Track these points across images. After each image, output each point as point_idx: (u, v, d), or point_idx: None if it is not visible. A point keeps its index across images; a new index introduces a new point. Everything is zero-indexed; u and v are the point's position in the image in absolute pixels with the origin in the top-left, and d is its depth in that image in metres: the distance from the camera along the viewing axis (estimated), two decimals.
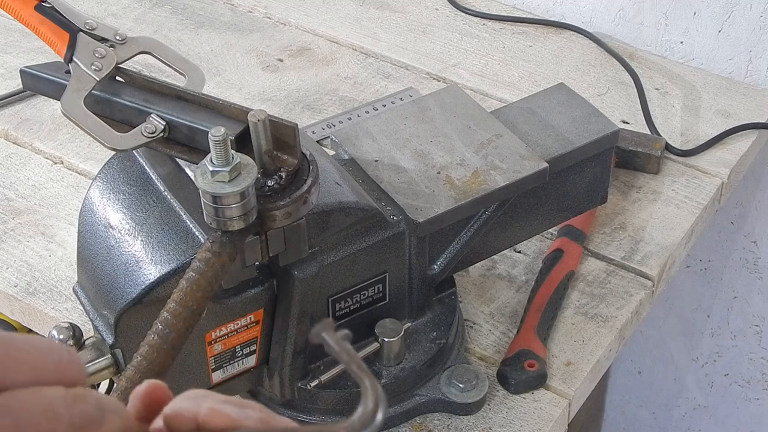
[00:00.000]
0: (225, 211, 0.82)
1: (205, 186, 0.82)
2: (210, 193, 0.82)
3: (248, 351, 0.98)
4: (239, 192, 0.82)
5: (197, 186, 0.83)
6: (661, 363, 1.80)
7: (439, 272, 1.05)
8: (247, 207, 0.83)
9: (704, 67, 1.51)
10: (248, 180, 0.82)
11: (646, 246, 1.24)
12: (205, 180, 0.82)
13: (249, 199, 0.83)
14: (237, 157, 0.82)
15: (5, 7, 0.95)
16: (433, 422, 1.06)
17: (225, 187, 0.82)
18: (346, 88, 1.47)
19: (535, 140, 1.08)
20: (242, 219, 0.83)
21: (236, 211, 0.83)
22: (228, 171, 0.81)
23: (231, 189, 0.81)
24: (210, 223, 0.84)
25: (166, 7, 1.63)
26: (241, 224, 0.83)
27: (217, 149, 0.81)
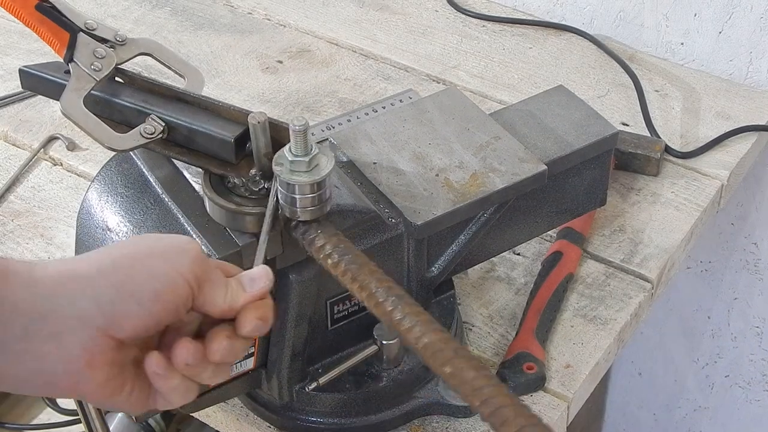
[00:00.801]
0: (320, 196, 0.85)
1: (303, 177, 0.84)
2: (314, 181, 0.84)
3: (246, 354, 0.98)
4: (330, 173, 0.85)
5: (290, 182, 0.84)
6: (661, 364, 1.80)
7: (437, 275, 1.05)
8: (329, 192, 0.87)
9: (704, 69, 1.51)
10: (332, 161, 0.86)
11: (645, 248, 1.24)
12: (298, 174, 0.84)
13: (328, 187, 0.87)
14: (314, 144, 0.86)
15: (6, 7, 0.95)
16: (432, 425, 1.06)
17: (321, 171, 0.85)
18: (345, 89, 1.47)
19: (534, 142, 1.08)
20: (325, 204, 0.87)
21: (327, 194, 0.86)
22: (317, 155, 0.85)
23: (327, 170, 0.85)
24: (288, 213, 0.85)
25: (166, 9, 1.63)
26: (329, 206, 0.87)
27: (298, 139, 0.84)
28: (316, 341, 1.01)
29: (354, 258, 0.81)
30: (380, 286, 0.78)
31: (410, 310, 0.77)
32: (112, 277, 0.72)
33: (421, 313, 0.76)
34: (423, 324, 0.75)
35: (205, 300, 0.76)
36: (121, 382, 0.74)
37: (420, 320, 0.76)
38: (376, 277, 0.79)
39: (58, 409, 1.69)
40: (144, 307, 0.72)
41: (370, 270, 0.80)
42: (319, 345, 1.02)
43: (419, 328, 0.75)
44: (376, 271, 0.80)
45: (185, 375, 0.75)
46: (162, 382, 0.75)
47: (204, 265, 0.75)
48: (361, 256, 0.82)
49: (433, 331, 0.75)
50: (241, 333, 0.77)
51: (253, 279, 0.79)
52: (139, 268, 0.73)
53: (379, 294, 0.78)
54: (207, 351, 0.76)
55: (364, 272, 0.80)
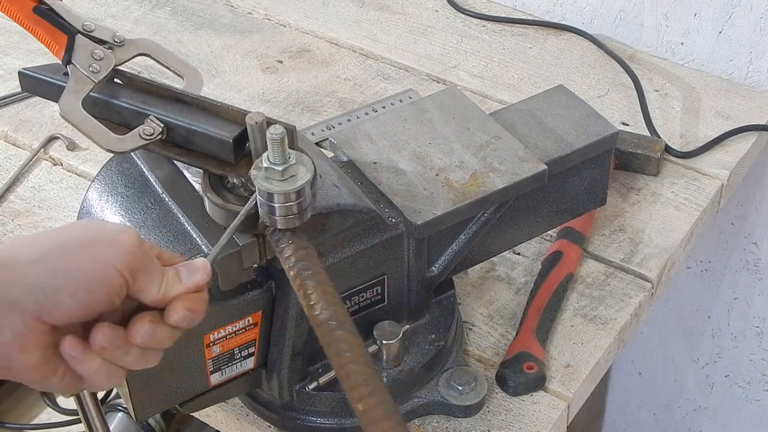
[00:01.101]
0: (296, 206, 0.84)
1: (277, 187, 0.83)
2: (284, 192, 0.83)
3: (247, 353, 0.98)
4: (302, 187, 0.83)
5: (264, 190, 0.83)
6: (661, 364, 1.80)
7: (437, 274, 1.05)
8: (308, 201, 0.85)
9: (704, 69, 1.51)
10: (311, 170, 0.84)
11: (645, 248, 1.24)
12: (274, 183, 0.83)
13: (308, 195, 0.85)
14: (292, 152, 0.84)
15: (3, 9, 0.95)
16: (432, 424, 1.06)
17: (296, 182, 0.83)
18: (345, 89, 1.47)
19: (534, 142, 1.08)
20: (305, 213, 0.85)
21: (304, 204, 0.84)
22: (294, 165, 0.83)
23: (303, 181, 0.83)
24: (268, 221, 0.85)
25: (166, 9, 1.63)
26: (306, 216, 0.85)
27: (276, 147, 0.82)
28: (317, 341, 1.01)
29: (313, 275, 0.81)
30: (327, 307, 0.78)
31: (345, 337, 0.77)
32: (45, 267, 0.73)
33: (355, 345, 0.76)
34: (352, 355, 0.75)
35: (139, 289, 0.77)
36: (54, 365, 0.75)
37: (351, 351, 0.76)
38: (325, 298, 0.79)
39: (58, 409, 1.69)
40: (76, 298, 0.73)
41: (323, 290, 0.80)
42: (320, 344, 1.02)
43: (349, 355, 0.75)
44: (329, 293, 0.80)
45: (106, 359, 0.76)
46: (79, 366, 0.76)
47: (139, 255, 0.76)
48: (320, 274, 0.81)
49: (357, 364, 0.75)
50: (167, 321, 0.78)
51: (190, 271, 0.80)
52: (72, 259, 0.74)
53: (323, 315, 0.78)
54: (128, 333, 0.77)
55: (317, 291, 0.80)
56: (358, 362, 0.74)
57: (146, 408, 0.96)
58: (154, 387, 0.95)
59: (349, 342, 0.76)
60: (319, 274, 0.81)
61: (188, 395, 0.98)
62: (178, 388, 0.97)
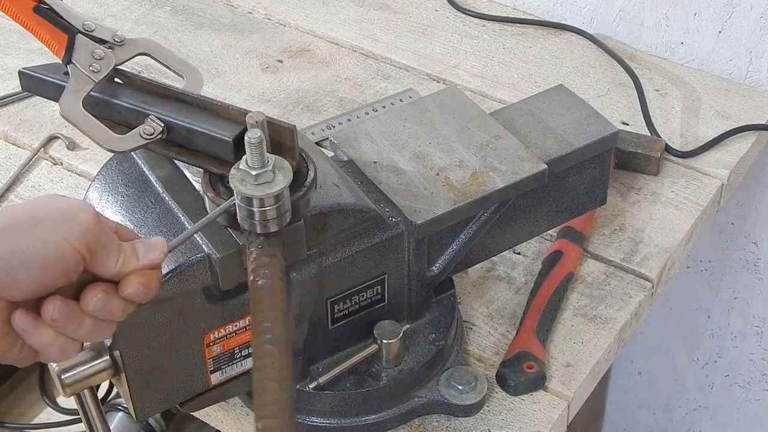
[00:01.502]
0: (270, 212, 0.83)
1: (250, 192, 0.82)
2: (259, 197, 0.82)
3: (247, 353, 0.98)
4: (283, 190, 0.82)
5: (238, 193, 0.83)
6: (661, 364, 1.80)
7: (438, 274, 1.05)
8: (285, 206, 0.84)
9: (704, 68, 1.51)
10: (288, 177, 0.83)
11: (645, 247, 1.24)
12: (248, 187, 0.82)
13: (286, 200, 0.84)
14: (272, 157, 0.83)
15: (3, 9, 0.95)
16: (432, 424, 1.06)
17: (270, 188, 0.82)
18: (345, 89, 1.47)
19: (535, 142, 1.08)
20: (284, 216, 0.84)
21: (279, 211, 0.83)
22: (270, 171, 0.82)
23: (278, 188, 0.82)
24: (246, 226, 0.84)
25: (166, 8, 1.63)
26: (284, 222, 0.84)
27: (254, 151, 0.81)
28: (317, 340, 1.01)
29: (268, 284, 0.81)
30: (268, 319, 0.78)
31: (274, 353, 0.76)
32: (2, 244, 0.73)
33: (280, 364, 0.76)
34: (273, 372, 0.75)
35: (96, 264, 0.77)
36: (12, 340, 0.76)
37: (273, 369, 0.75)
38: (271, 310, 0.79)
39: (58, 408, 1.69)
40: (32, 275, 0.74)
41: (272, 301, 0.79)
42: (320, 344, 1.02)
43: (268, 371, 0.75)
44: (276, 305, 0.79)
45: (59, 332, 0.77)
46: (31, 338, 0.77)
47: (96, 231, 0.77)
48: (276, 285, 0.81)
49: (275, 382, 0.74)
50: (121, 294, 0.79)
51: (148, 248, 0.80)
52: (29, 236, 0.74)
53: (262, 326, 0.78)
54: (81, 301, 0.77)
55: (266, 301, 0.80)
56: (275, 381, 0.74)
57: (146, 407, 0.96)
58: (155, 386, 0.95)
59: (276, 359, 0.76)
60: (275, 285, 0.81)
61: (188, 395, 0.98)
62: (179, 388, 0.97)
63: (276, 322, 0.78)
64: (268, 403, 0.73)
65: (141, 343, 0.91)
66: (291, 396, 0.74)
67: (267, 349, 0.76)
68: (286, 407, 0.73)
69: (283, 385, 0.74)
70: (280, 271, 0.83)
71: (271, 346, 0.76)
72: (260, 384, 0.74)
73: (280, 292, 0.81)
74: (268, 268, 0.82)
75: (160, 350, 0.93)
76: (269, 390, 0.74)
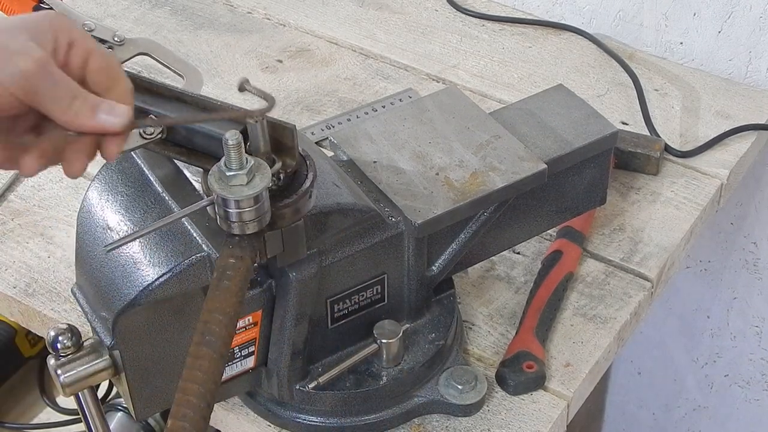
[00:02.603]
0: (244, 214, 0.82)
1: (224, 191, 0.82)
2: (231, 198, 0.82)
3: (247, 352, 0.98)
4: (257, 194, 0.82)
5: (214, 192, 0.82)
6: (661, 364, 1.80)
7: (437, 273, 1.05)
8: (263, 209, 0.83)
9: (704, 68, 1.51)
10: (264, 181, 0.83)
11: (645, 247, 1.24)
12: (222, 186, 0.82)
13: (265, 201, 0.83)
14: (251, 159, 0.82)
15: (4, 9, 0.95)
16: (432, 423, 1.06)
17: (244, 191, 0.82)
18: (345, 89, 1.47)
19: (534, 141, 1.08)
20: (259, 221, 0.83)
21: (254, 214, 0.83)
22: (245, 174, 0.82)
23: (250, 192, 0.82)
24: (225, 227, 0.84)
25: (166, 9, 1.63)
26: (258, 227, 0.84)
27: (232, 153, 0.81)
28: (317, 340, 1.01)
29: (227, 287, 0.81)
30: (212, 320, 0.78)
31: (208, 356, 0.77)
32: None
33: (210, 369, 0.76)
34: (201, 376, 0.75)
35: (43, 109, 0.77)
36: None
37: (202, 372, 0.76)
38: (218, 311, 0.79)
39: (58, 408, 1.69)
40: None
41: (223, 306, 0.79)
42: (320, 344, 1.02)
43: (197, 374, 0.75)
44: (224, 308, 0.79)
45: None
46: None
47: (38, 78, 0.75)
48: (233, 287, 0.81)
49: (199, 386, 0.75)
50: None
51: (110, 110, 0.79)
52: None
53: (205, 326, 0.78)
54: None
55: (216, 304, 0.79)
56: (198, 384, 0.74)
57: (146, 407, 0.96)
58: (154, 386, 0.95)
59: (208, 363, 0.76)
60: (231, 288, 0.81)
61: None
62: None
63: (220, 325, 0.78)
64: (184, 405, 0.73)
65: (141, 343, 0.91)
66: (209, 402, 0.74)
67: (203, 351, 0.76)
68: (198, 413, 0.73)
69: (204, 389, 0.74)
70: (242, 275, 0.82)
71: (206, 349, 0.77)
72: (184, 383, 0.75)
73: (234, 296, 0.80)
74: (231, 270, 0.82)
75: (160, 350, 0.93)
76: (192, 393, 0.74)
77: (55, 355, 0.93)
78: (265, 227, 0.85)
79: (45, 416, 1.80)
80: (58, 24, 0.78)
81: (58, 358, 0.93)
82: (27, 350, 1.81)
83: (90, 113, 0.78)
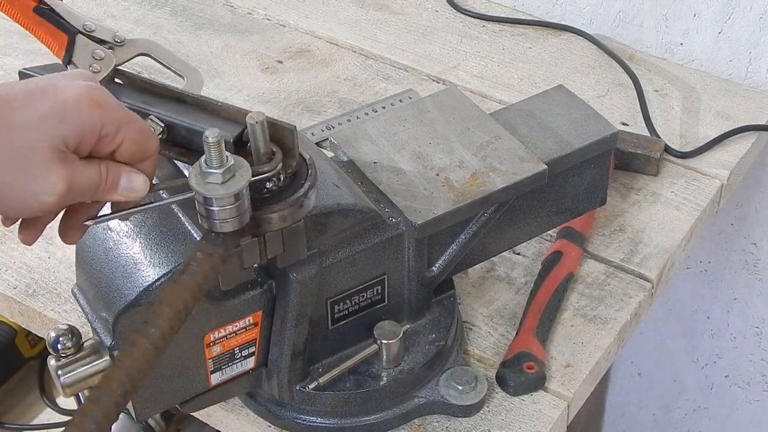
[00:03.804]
0: (218, 212, 0.82)
1: (198, 187, 0.82)
2: (203, 194, 0.82)
3: (247, 353, 0.98)
4: (231, 194, 0.82)
5: (191, 186, 0.83)
6: (661, 364, 1.80)
7: (438, 274, 1.05)
8: (240, 209, 0.83)
9: (704, 69, 1.51)
10: (241, 182, 0.82)
11: (645, 248, 1.24)
12: (198, 181, 0.82)
13: (243, 201, 0.83)
14: (231, 159, 0.82)
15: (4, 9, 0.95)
16: (432, 424, 1.06)
17: (218, 189, 0.82)
18: (345, 89, 1.47)
19: (534, 142, 1.08)
20: (235, 221, 0.83)
21: (229, 213, 0.83)
22: (221, 173, 0.82)
23: (223, 191, 0.82)
24: (203, 223, 0.84)
25: (166, 9, 1.63)
26: (235, 226, 0.84)
27: (211, 151, 0.81)
28: (317, 340, 1.01)
29: (185, 281, 0.81)
30: (160, 313, 0.79)
31: (143, 346, 0.77)
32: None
33: (139, 362, 0.76)
34: (131, 364, 0.76)
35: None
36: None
37: (132, 360, 0.76)
38: (167, 308, 0.79)
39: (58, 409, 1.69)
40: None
41: (173, 300, 0.79)
42: (320, 344, 1.02)
43: (129, 362, 0.76)
44: (174, 305, 0.79)
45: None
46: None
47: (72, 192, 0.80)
48: (189, 284, 0.80)
49: (125, 372, 0.75)
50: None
51: (130, 185, 0.83)
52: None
53: (153, 316, 0.79)
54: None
55: (169, 295, 0.80)
56: (124, 372, 0.75)
57: (147, 408, 0.96)
58: (155, 387, 0.95)
59: (139, 352, 0.77)
60: (189, 283, 0.81)
61: (188, 395, 0.98)
62: (179, 388, 0.97)
63: (164, 318, 0.78)
64: (104, 391, 0.74)
65: None
66: (127, 390, 0.75)
67: (139, 339, 0.77)
68: (112, 399, 0.74)
69: (126, 377, 0.75)
70: (204, 272, 0.82)
71: (143, 339, 0.77)
72: (110, 370, 0.76)
73: (188, 290, 0.80)
74: (196, 265, 0.82)
75: None
76: (115, 380, 0.75)
77: (55, 356, 0.93)
78: (246, 227, 0.85)
79: (45, 417, 1.80)
80: (87, 119, 0.79)
81: (59, 359, 0.93)
82: (27, 351, 1.81)
83: (113, 190, 0.83)
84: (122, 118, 0.81)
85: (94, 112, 0.79)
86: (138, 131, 0.82)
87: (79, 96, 0.78)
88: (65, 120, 0.78)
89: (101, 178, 0.81)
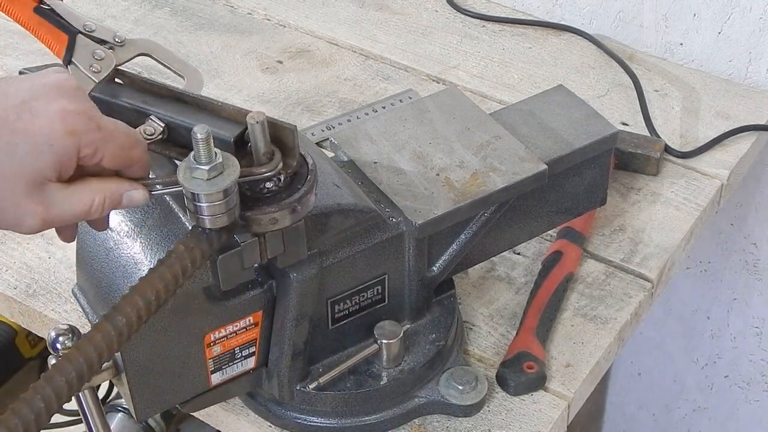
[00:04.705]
0: (204, 208, 0.83)
1: (184, 182, 0.82)
2: (188, 189, 0.82)
3: (247, 353, 0.98)
4: (215, 191, 0.82)
5: (178, 181, 0.83)
6: (661, 364, 1.80)
7: (438, 274, 1.05)
8: (227, 206, 0.83)
9: (704, 69, 1.51)
10: (227, 180, 0.82)
11: (645, 248, 1.24)
12: (185, 176, 0.82)
13: (230, 199, 0.83)
14: (220, 156, 0.82)
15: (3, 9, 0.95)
16: (432, 424, 1.06)
17: (202, 185, 0.82)
18: (345, 89, 1.47)
19: (534, 142, 1.08)
20: (221, 217, 0.83)
21: (214, 210, 0.83)
22: (207, 169, 0.82)
23: (207, 188, 0.82)
24: (191, 218, 0.84)
25: (166, 9, 1.63)
26: (221, 223, 0.84)
27: (200, 147, 0.81)
28: (317, 340, 1.01)
29: (160, 272, 0.81)
30: (129, 301, 0.79)
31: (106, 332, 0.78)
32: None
33: (90, 354, 0.77)
34: (85, 357, 0.77)
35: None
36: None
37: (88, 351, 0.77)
38: (137, 296, 0.80)
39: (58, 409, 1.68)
40: None
41: (143, 289, 0.80)
42: (320, 344, 1.02)
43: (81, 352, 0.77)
44: (144, 295, 0.80)
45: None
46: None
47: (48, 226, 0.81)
48: (164, 276, 0.81)
49: (75, 363, 0.76)
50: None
51: (131, 200, 0.85)
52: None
53: (119, 303, 0.79)
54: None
55: (143, 284, 0.80)
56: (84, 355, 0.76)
57: (147, 408, 0.96)
58: (155, 387, 0.95)
59: (101, 337, 0.77)
60: (164, 275, 0.81)
61: (189, 395, 0.98)
62: (179, 388, 0.97)
63: (133, 306, 0.79)
64: (52, 380, 0.77)
65: (141, 343, 0.91)
66: (81, 376, 0.76)
67: (103, 325, 0.78)
68: (52, 393, 0.77)
69: (74, 373, 0.76)
70: (182, 265, 0.82)
71: (108, 324, 0.78)
72: (70, 350, 0.77)
73: (162, 281, 0.81)
74: (175, 258, 0.82)
75: (160, 350, 0.93)
76: (71, 357, 0.76)
77: (55, 356, 0.93)
78: (234, 225, 0.85)
79: None
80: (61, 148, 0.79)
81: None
82: (27, 351, 1.81)
83: (111, 203, 0.84)
84: (98, 140, 0.80)
85: (67, 141, 0.78)
86: (118, 147, 0.82)
87: (52, 125, 0.78)
88: (39, 155, 0.78)
89: (92, 204, 0.82)
